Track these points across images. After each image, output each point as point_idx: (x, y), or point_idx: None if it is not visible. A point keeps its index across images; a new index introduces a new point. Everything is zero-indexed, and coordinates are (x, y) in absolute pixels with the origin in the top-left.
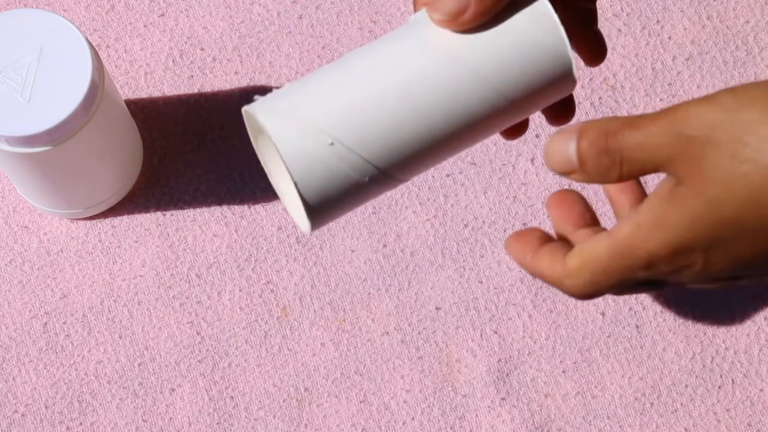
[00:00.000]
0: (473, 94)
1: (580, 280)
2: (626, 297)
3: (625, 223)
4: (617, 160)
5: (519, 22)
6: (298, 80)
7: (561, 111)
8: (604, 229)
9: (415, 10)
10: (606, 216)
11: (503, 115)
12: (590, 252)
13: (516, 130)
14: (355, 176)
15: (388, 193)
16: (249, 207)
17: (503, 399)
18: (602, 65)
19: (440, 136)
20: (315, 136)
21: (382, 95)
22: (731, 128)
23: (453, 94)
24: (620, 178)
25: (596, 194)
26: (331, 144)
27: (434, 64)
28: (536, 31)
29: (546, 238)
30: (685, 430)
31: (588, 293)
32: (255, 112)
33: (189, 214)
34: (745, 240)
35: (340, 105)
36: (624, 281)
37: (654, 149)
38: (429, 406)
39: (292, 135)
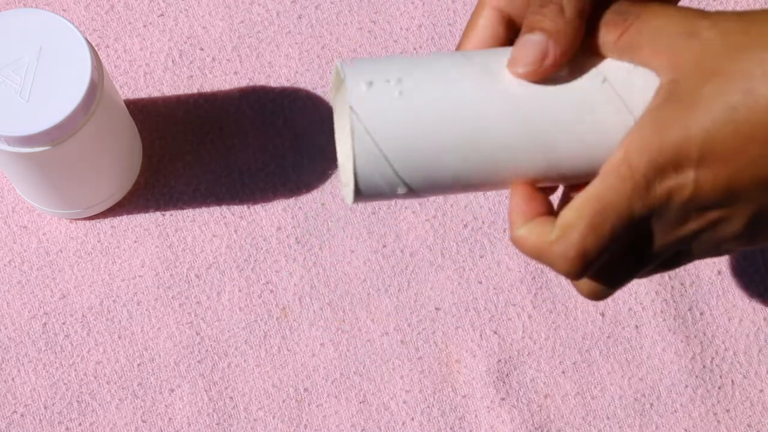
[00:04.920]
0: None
1: (572, 239)
2: (626, 297)
3: (619, 148)
4: (628, 22)
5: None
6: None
7: None
8: None
9: (459, 47)
10: None
11: (548, 179)
12: (584, 196)
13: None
14: (387, 190)
15: None
16: (248, 207)
17: (503, 399)
18: None
19: (478, 178)
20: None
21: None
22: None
23: (509, 149)
24: (617, 41)
25: None
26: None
27: (503, 117)
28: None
29: (547, 211)
30: (685, 430)
31: (577, 259)
32: (349, 83)
33: (188, 214)
34: (737, 158)
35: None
36: (620, 223)
37: (659, 34)
38: (429, 407)
39: (366, 136)
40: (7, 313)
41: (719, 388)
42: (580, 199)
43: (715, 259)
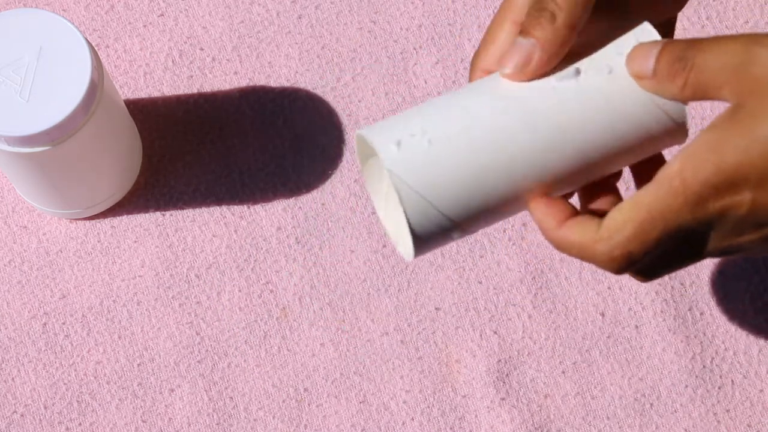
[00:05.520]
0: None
1: (618, 240)
2: (626, 297)
3: (675, 160)
4: (687, 67)
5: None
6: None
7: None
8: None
9: (472, 78)
10: None
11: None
12: (635, 202)
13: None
14: (441, 236)
15: None
16: (248, 207)
17: (503, 399)
18: None
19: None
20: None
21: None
22: None
23: (542, 159)
24: (684, 87)
25: None
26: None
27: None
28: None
29: (574, 212)
30: (685, 430)
31: (622, 259)
32: (386, 162)
33: (188, 214)
34: None
35: (448, 176)
36: (667, 233)
37: (721, 69)
38: (429, 407)
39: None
40: (7, 313)
41: (719, 388)
42: (629, 203)
43: (715, 259)
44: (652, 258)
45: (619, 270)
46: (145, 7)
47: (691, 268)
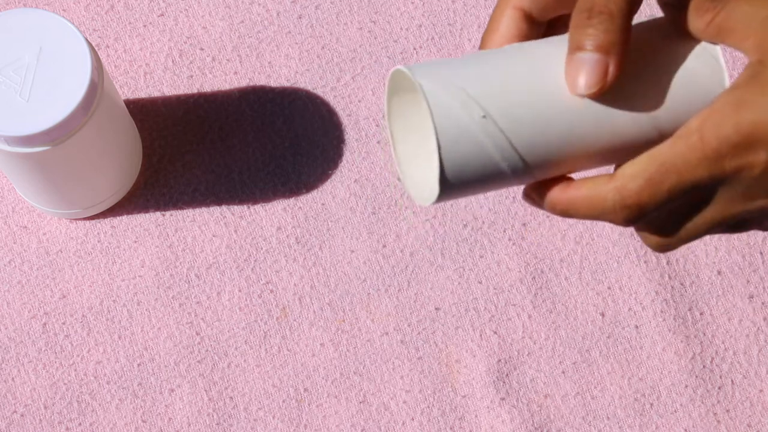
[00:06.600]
0: (627, 117)
1: (630, 188)
2: (626, 297)
3: (694, 119)
4: (718, 7)
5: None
6: (456, 58)
7: None
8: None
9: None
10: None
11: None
12: (650, 155)
13: None
14: (496, 158)
15: (388, 193)
16: (248, 207)
17: (503, 399)
18: None
19: (586, 147)
20: (468, 106)
21: (540, 89)
22: None
23: (607, 114)
24: (708, 25)
25: None
26: (484, 117)
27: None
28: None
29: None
30: (685, 430)
31: (634, 206)
32: (413, 72)
33: (188, 214)
34: None
35: (499, 85)
36: (680, 187)
37: (751, 20)
38: (429, 407)
39: (445, 100)
40: (7, 313)
41: (719, 388)
42: (645, 156)
43: (715, 259)
44: (662, 214)
45: (628, 219)
46: (145, 7)
47: (691, 268)
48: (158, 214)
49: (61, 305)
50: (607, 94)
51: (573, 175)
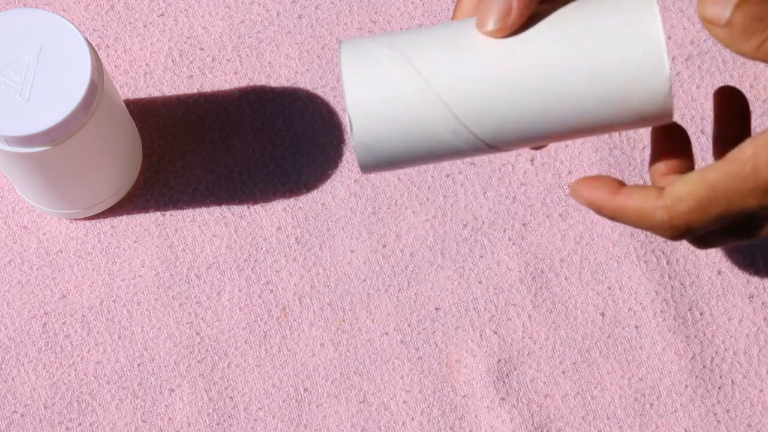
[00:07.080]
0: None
1: (679, 210)
2: (626, 297)
3: (748, 145)
4: (766, 29)
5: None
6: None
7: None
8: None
9: (455, 17)
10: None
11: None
12: (701, 177)
13: None
14: (403, 81)
15: (388, 193)
16: (248, 207)
17: (503, 399)
18: None
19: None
20: (377, 40)
21: (452, 33)
22: None
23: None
24: (759, 48)
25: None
26: (389, 48)
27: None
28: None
29: (623, 184)
30: (685, 430)
31: (682, 226)
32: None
33: (188, 214)
34: None
35: (416, 32)
36: (729, 214)
37: None
38: (428, 407)
39: (358, 41)
40: (7, 313)
41: (719, 388)
42: (697, 176)
43: (715, 259)
44: (708, 231)
45: (675, 238)
46: (145, 7)
47: (691, 268)
48: (158, 214)
49: (61, 305)
50: (516, 36)
51: (623, 181)
